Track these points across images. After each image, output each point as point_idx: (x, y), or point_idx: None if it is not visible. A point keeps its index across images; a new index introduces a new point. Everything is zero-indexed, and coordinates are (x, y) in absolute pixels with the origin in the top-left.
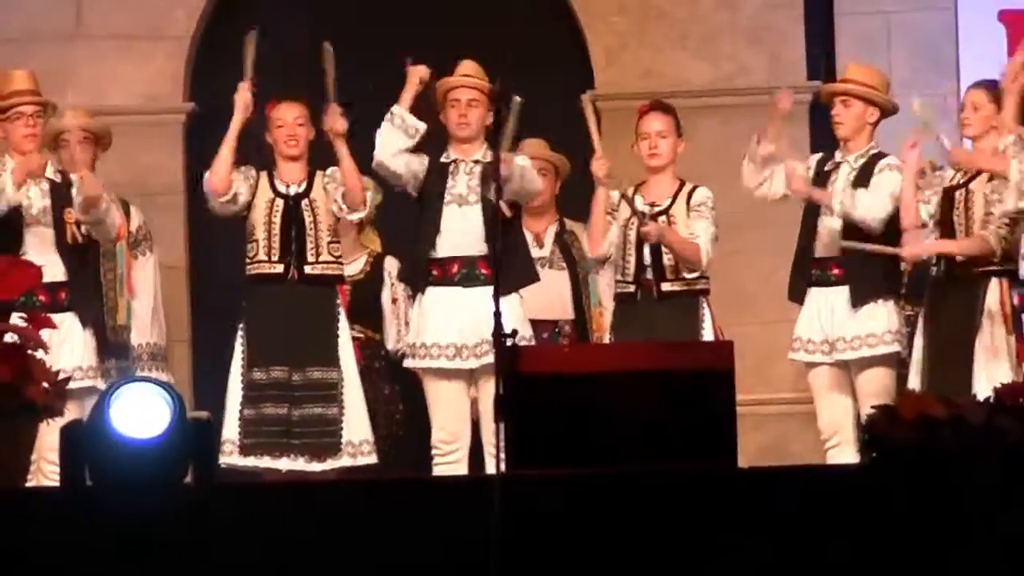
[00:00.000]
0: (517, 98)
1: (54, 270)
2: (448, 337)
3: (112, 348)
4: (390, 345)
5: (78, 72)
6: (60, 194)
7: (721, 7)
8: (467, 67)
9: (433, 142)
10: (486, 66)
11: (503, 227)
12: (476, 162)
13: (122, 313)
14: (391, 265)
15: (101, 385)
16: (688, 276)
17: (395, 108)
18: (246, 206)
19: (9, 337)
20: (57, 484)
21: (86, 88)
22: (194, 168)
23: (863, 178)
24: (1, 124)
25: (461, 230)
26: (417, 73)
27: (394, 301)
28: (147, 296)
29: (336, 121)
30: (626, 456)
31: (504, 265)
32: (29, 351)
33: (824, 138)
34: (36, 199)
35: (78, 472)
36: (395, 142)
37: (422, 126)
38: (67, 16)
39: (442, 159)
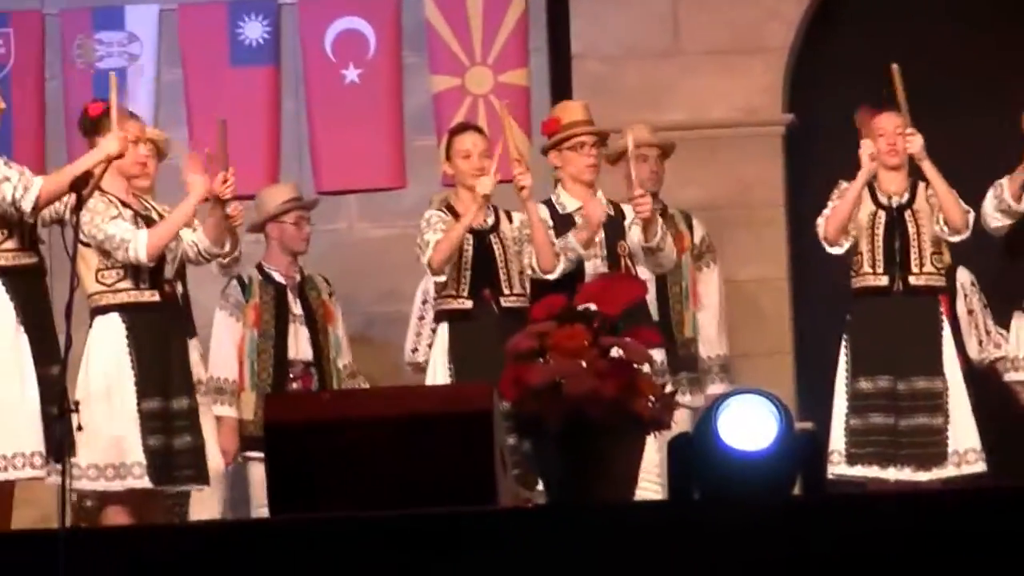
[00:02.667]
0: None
1: None
2: None
3: (681, 360)
4: (972, 355)
5: (676, 87)
6: (614, 226)
7: None
8: None
9: None
10: None
11: None
12: None
13: (688, 326)
14: (963, 276)
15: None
16: None
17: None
18: None
19: (615, 352)
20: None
21: (684, 103)
22: (794, 180)
23: None
24: (561, 153)
25: None
26: None
27: (970, 312)
28: (712, 308)
29: (913, 143)
30: None
31: None
32: (635, 365)
33: None
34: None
35: (685, 485)
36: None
37: None
38: (664, 33)
39: None
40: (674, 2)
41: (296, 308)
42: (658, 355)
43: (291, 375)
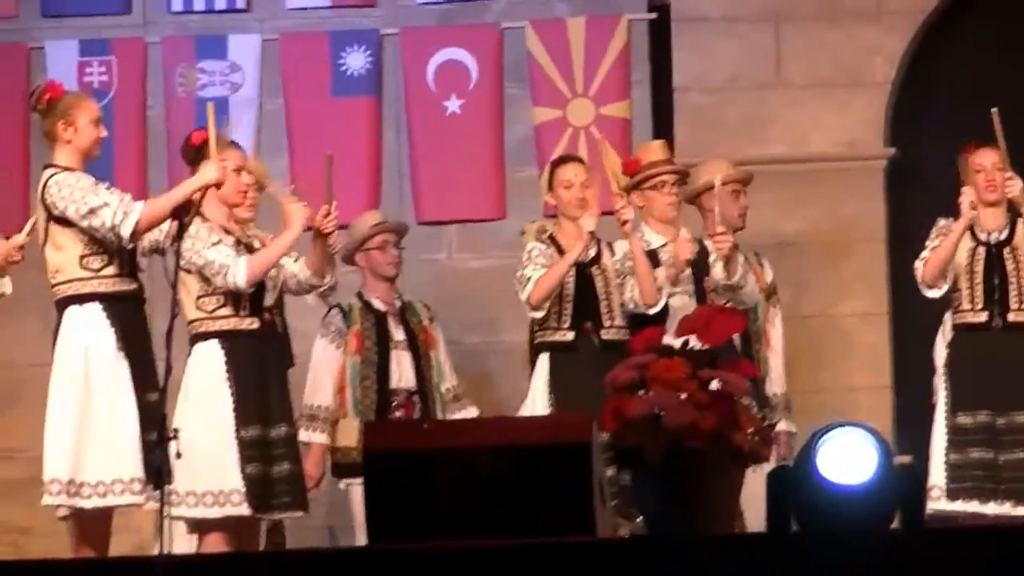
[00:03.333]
0: None
1: None
2: None
3: (767, 398)
4: None
5: (777, 120)
6: (700, 262)
7: None
8: None
9: None
10: None
11: None
12: None
13: (762, 365)
14: None
15: None
16: None
17: None
18: None
19: (715, 384)
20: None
21: (786, 136)
22: (895, 214)
23: None
24: (643, 193)
25: None
26: None
27: None
28: (779, 348)
29: (1013, 186)
30: None
31: None
32: (735, 398)
33: None
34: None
35: (784, 517)
36: None
37: None
38: (767, 65)
39: None
40: (777, 35)
41: (398, 334)
42: None
43: (394, 402)
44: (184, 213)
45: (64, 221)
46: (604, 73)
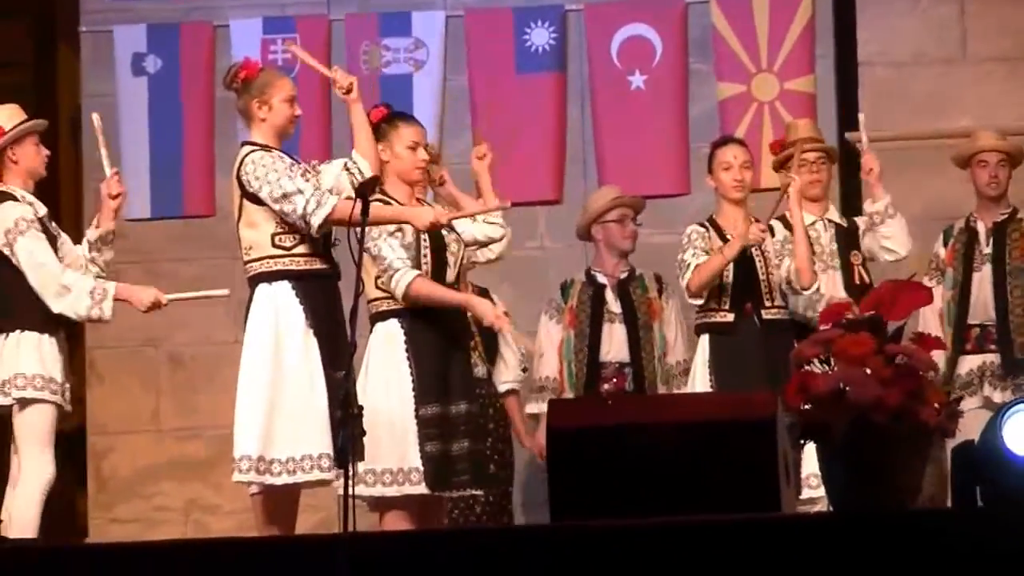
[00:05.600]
0: None
1: None
2: None
3: (1018, 364)
4: None
5: (963, 95)
6: (846, 235)
7: None
8: None
9: None
10: None
11: None
12: None
13: None
14: None
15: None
16: None
17: None
18: None
19: (901, 359)
20: None
21: (971, 110)
22: None
23: None
24: (786, 172)
25: None
26: None
27: None
28: None
29: None
30: None
31: None
32: (921, 372)
33: None
34: (825, 241)
35: (970, 493)
36: None
37: None
38: (953, 40)
39: None
40: (961, 9)
41: (615, 307)
42: (991, 358)
43: (604, 376)
44: (371, 192)
45: (257, 199)
46: (789, 47)
